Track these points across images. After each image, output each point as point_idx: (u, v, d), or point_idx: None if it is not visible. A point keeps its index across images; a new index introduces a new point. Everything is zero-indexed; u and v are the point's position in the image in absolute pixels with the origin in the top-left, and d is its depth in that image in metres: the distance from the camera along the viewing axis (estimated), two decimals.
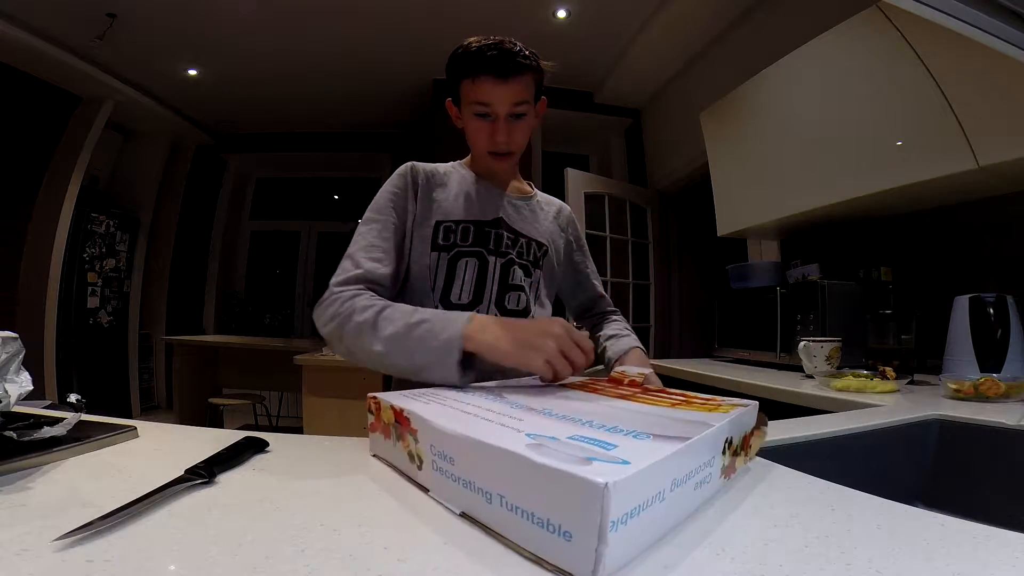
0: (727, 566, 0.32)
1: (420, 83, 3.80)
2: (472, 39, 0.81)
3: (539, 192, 1.03)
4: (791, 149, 1.83)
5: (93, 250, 4.02)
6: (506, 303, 0.89)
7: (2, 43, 3.01)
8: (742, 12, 2.65)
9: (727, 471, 0.46)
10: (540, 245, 0.95)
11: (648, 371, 0.70)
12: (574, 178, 3.22)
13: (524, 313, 0.91)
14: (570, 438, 0.37)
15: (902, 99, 1.40)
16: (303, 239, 5.36)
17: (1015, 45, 0.92)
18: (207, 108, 4.38)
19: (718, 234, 2.23)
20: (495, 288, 0.88)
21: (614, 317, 1.08)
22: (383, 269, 0.79)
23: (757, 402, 0.52)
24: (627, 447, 0.35)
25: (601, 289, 1.10)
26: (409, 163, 0.89)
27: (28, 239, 3.62)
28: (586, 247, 1.08)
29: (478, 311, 0.85)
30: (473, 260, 0.87)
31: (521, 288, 0.90)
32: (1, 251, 3.50)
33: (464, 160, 0.97)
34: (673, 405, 0.51)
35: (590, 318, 1.10)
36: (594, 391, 0.60)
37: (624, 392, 0.59)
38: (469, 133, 0.87)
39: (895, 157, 1.43)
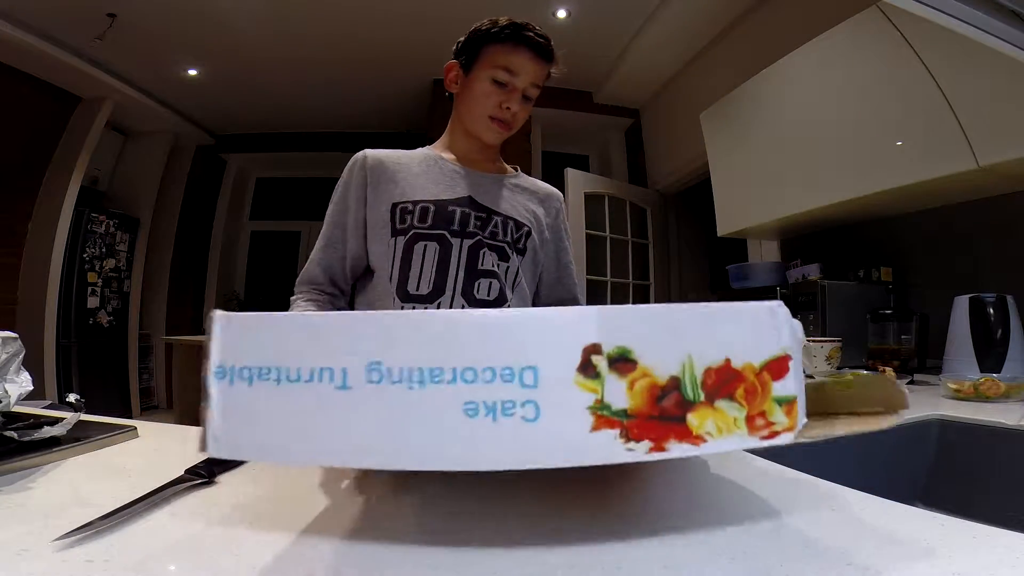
0: (727, 565, 0.32)
1: (420, 83, 3.79)
2: (501, 18, 0.83)
3: (525, 175, 0.96)
4: (791, 149, 1.83)
5: (93, 250, 4.01)
6: (475, 292, 0.81)
7: (2, 43, 3.01)
8: (742, 12, 2.65)
9: (633, 428, 0.26)
10: (520, 225, 0.87)
11: None
12: (574, 178, 3.22)
13: (498, 303, 0.82)
14: None
15: (902, 99, 1.40)
16: (303, 239, 5.35)
17: (1015, 45, 0.91)
18: (207, 108, 4.37)
19: (718, 234, 2.23)
20: (461, 275, 0.80)
21: None
22: (315, 269, 0.85)
23: (776, 305, 0.28)
24: None
25: (578, 292, 0.99)
26: (363, 151, 0.87)
27: (28, 239, 3.61)
28: (570, 242, 0.99)
29: (440, 304, 0.80)
30: (433, 244, 0.80)
31: (493, 274, 0.82)
32: (1, 251, 3.50)
33: (434, 144, 0.93)
34: None
35: None
36: None
37: None
38: (476, 95, 0.83)
39: (895, 157, 1.43)
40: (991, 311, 1.21)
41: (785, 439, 0.29)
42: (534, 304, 0.92)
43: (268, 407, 0.25)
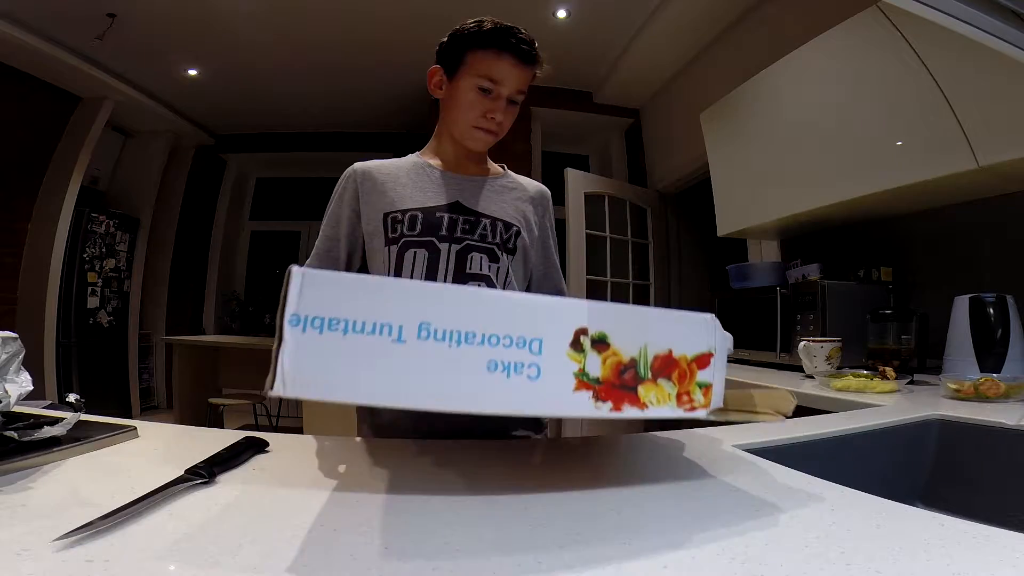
0: (727, 565, 0.32)
1: (420, 83, 3.75)
2: (484, 19, 0.82)
3: (513, 173, 0.96)
4: (791, 149, 1.83)
5: (93, 250, 4.01)
6: None
7: (2, 43, 3.01)
8: (742, 12, 2.65)
9: (601, 391, 0.34)
10: (509, 225, 0.87)
11: None
12: (574, 178, 3.21)
13: None
14: None
15: (902, 99, 1.40)
16: (303, 239, 5.35)
17: (1015, 45, 0.91)
18: (207, 108, 4.37)
19: (718, 234, 2.23)
20: (449, 279, 0.82)
21: None
22: None
23: (710, 318, 0.39)
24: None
25: (564, 286, 1.00)
26: (352, 165, 0.89)
27: (28, 239, 3.61)
28: (555, 238, 1.00)
29: None
30: (422, 251, 0.82)
31: (483, 277, 0.83)
32: (1, 251, 3.50)
33: (423, 149, 0.93)
34: None
35: None
36: None
37: None
38: (461, 103, 0.83)
39: (895, 157, 1.43)
40: (991, 311, 1.21)
41: (700, 414, 0.37)
42: None
43: (335, 353, 0.30)
